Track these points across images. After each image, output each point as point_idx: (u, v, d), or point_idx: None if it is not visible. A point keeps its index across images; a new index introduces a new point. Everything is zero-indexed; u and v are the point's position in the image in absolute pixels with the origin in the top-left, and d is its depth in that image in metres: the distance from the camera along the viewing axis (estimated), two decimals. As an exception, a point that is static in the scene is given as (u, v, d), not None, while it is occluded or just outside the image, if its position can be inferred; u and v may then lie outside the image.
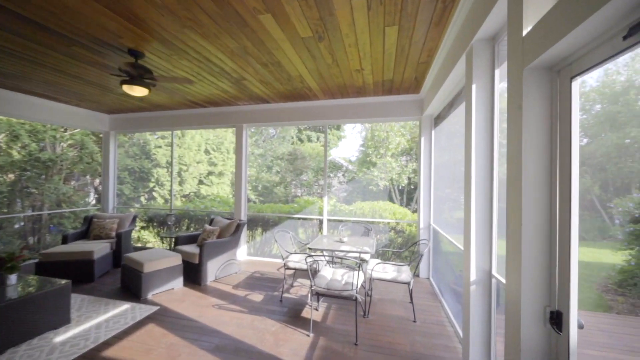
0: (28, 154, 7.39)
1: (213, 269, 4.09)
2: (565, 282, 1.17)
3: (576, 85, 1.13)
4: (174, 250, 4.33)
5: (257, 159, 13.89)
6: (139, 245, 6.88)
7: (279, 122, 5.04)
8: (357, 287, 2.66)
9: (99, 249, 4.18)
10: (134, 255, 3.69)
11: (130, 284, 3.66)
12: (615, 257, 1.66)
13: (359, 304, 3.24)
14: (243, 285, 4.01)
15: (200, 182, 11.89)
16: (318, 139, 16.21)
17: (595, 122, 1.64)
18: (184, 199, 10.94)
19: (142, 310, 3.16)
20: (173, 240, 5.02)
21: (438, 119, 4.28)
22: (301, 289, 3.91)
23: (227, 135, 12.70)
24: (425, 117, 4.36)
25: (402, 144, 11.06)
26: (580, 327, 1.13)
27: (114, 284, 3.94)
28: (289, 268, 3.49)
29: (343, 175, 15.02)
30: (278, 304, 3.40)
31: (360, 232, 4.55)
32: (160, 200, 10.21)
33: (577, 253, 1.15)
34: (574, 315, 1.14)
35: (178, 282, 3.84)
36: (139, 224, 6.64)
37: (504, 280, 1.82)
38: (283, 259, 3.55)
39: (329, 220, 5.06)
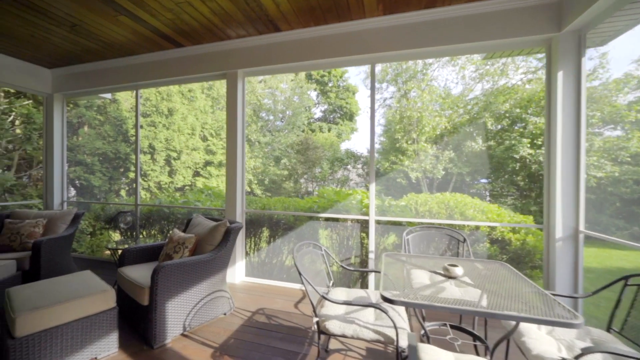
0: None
1: (179, 313, 2.21)
2: None
3: None
4: (116, 276, 2.48)
5: (263, 148, 12.06)
6: (92, 259, 5.04)
7: (297, 62, 3.10)
8: None
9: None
10: (13, 291, 1.84)
11: None
12: None
13: None
14: (234, 345, 2.12)
15: (197, 174, 10.08)
16: (329, 129, 14.41)
17: None
18: (178, 194, 9.16)
19: None
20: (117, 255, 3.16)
21: (601, 37, 2.30)
22: (347, 356, 1.99)
23: (228, 119, 10.88)
24: (567, 34, 2.37)
25: (441, 124, 8.95)
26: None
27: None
28: (326, 333, 1.58)
29: (362, 167, 13.04)
30: (305, 417, 1.50)
31: (439, 244, 2.61)
32: (146, 195, 8.43)
33: None
34: None
35: (108, 345, 1.97)
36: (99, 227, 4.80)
37: None
38: (314, 311, 1.64)
39: (378, 222, 3.12)
